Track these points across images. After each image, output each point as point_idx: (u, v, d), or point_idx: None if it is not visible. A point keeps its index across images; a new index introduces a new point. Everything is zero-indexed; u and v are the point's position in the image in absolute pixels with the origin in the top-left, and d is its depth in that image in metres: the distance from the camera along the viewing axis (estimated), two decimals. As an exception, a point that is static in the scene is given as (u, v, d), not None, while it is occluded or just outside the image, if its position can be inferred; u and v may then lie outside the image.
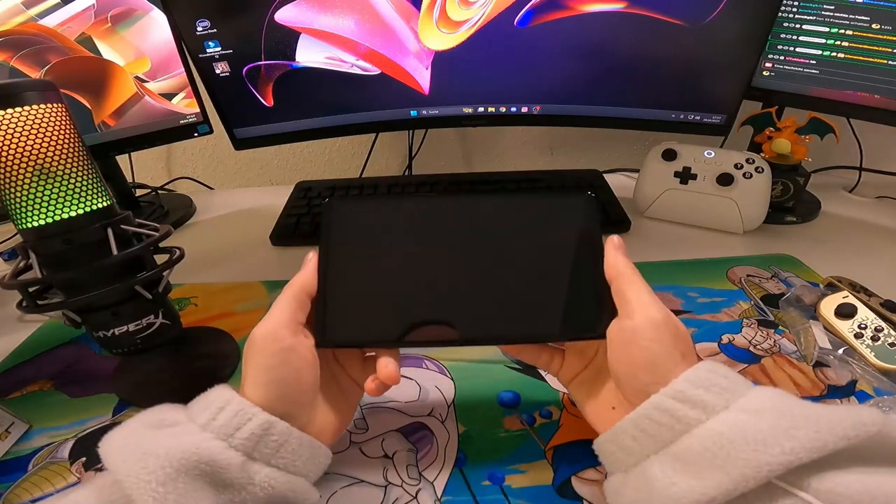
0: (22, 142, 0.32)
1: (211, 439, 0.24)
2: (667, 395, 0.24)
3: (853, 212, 0.70)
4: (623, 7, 0.57)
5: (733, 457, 0.21)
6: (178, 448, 0.23)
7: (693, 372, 0.24)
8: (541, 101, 0.67)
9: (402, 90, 0.65)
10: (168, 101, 0.69)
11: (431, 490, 0.34)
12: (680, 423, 0.23)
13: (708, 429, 0.23)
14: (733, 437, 0.22)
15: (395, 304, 0.30)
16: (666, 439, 0.24)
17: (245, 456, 0.25)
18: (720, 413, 0.23)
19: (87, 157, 0.35)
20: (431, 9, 0.60)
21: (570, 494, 0.33)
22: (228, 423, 0.25)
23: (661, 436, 0.24)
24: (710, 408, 0.23)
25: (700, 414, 0.23)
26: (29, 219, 0.33)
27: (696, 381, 0.24)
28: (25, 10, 0.60)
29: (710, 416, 0.23)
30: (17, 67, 0.62)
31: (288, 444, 0.26)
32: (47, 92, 0.33)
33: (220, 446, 0.24)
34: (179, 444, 0.24)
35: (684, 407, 0.23)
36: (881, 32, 0.57)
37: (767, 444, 0.21)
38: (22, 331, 0.53)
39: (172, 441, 0.24)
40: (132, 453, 0.23)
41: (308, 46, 0.62)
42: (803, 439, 0.21)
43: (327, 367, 0.32)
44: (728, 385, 0.24)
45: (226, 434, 0.25)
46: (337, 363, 0.33)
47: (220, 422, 0.25)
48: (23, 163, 0.32)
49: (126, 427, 0.26)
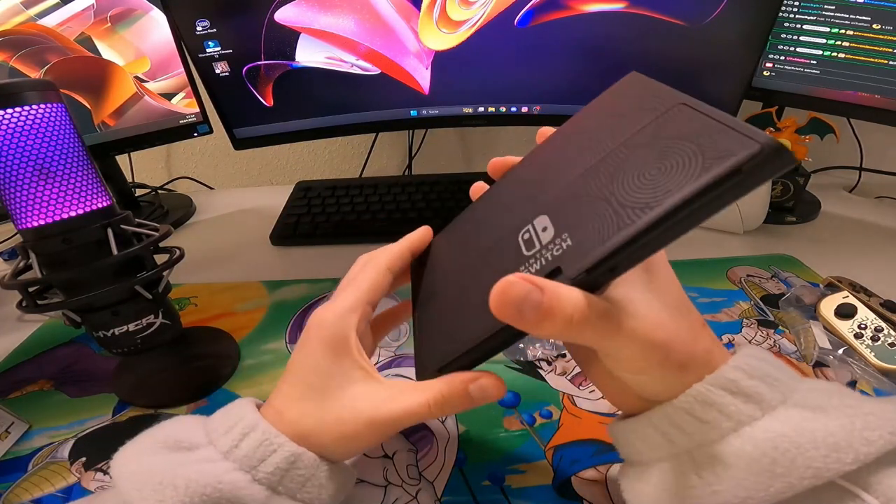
0: (22, 142, 0.32)
1: (234, 470, 0.22)
2: (714, 384, 0.20)
3: (853, 212, 0.70)
4: (623, 7, 0.57)
5: (799, 465, 0.18)
6: (199, 481, 0.21)
7: (743, 359, 0.21)
8: (541, 101, 0.67)
9: (402, 90, 0.65)
10: (168, 101, 0.69)
11: (431, 490, 0.34)
12: (730, 421, 0.20)
13: (765, 429, 0.19)
14: (800, 440, 0.18)
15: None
16: (707, 438, 0.20)
17: (269, 490, 0.23)
18: (777, 409, 0.19)
19: (87, 157, 0.35)
20: (431, 9, 0.60)
21: (570, 494, 0.33)
22: (252, 455, 0.23)
23: (701, 434, 0.20)
24: (767, 402, 0.20)
25: (754, 410, 0.19)
26: (29, 219, 0.33)
27: (750, 371, 0.20)
28: (25, 10, 0.60)
29: (765, 413, 0.19)
30: (17, 67, 0.62)
31: (315, 478, 0.24)
32: (47, 92, 0.33)
33: (244, 480, 0.22)
34: (200, 475, 0.21)
35: (736, 401, 0.20)
36: (882, 32, 0.57)
37: (841, 450, 0.18)
38: (22, 331, 0.53)
39: (192, 471, 0.22)
40: (147, 483, 0.21)
41: (308, 46, 0.62)
42: (879, 443, 0.18)
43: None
44: (781, 376, 0.20)
45: (249, 466, 0.23)
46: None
47: (244, 451, 0.23)
48: (23, 163, 0.32)
49: (140, 444, 0.24)
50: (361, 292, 0.27)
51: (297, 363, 0.26)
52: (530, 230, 0.23)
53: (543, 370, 0.43)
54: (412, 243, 0.31)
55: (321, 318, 0.26)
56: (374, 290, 0.28)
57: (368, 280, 0.28)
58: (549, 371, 0.43)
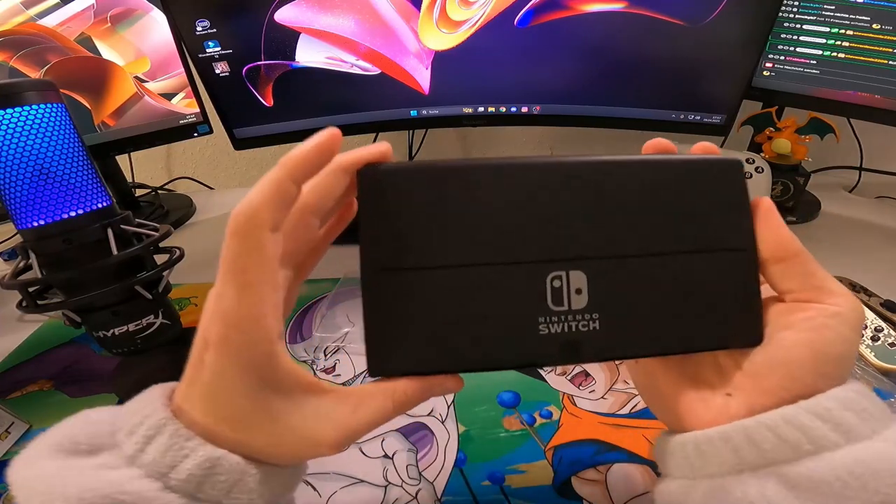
0: (22, 142, 0.32)
1: (140, 478, 0.18)
2: (807, 409, 0.20)
3: (853, 212, 0.70)
4: (623, 7, 0.57)
5: (870, 488, 0.18)
6: (97, 490, 0.17)
7: (843, 391, 0.20)
8: (541, 101, 0.67)
9: (402, 90, 0.65)
10: (168, 101, 0.69)
11: (431, 490, 0.34)
12: (812, 444, 0.19)
13: (844, 454, 0.19)
14: (877, 466, 0.18)
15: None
16: (780, 458, 0.20)
17: (187, 498, 0.18)
18: (862, 441, 0.19)
19: (87, 157, 0.35)
20: (431, 9, 0.60)
21: (570, 494, 0.33)
22: (160, 461, 0.18)
23: (776, 453, 0.20)
24: (854, 434, 0.19)
25: (839, 438, 0.19)
26: (29, 219, 0.33)
27: (846, 402, 0.20)
28: (25, 10, 0.60)
29: (849, 443, 0.19)
30: (17, 67, 0.62)
31: (243, 483, 0.19)
32: (47, 92, 0.33)
33: (154, 488, 0.18)
34: (98, 483, 0.18)
35: (824, 427, 0.19)
36: (881, 32, 0.57)
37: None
38: (22, 331, 0.53)
39: (89, 479, 0.18)
40: (36, 492, 0.18)
41: (308, 46, 0.62)
42: None
43: None
44: (876, 412, 0.20)
45: (159, 473, 0.18)
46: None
47: (150, 456, 0.18)
48: (23, 163, 0.32)
49: (35, 449, 0.20)
50: (273, 273, 0.19)
51: (205, 389, 0.19)
52: (563, 281, 0.21)
53: (543, 370, 0.43)
54: (357, 159, 0.21)
55: (224, 334, 0.19)
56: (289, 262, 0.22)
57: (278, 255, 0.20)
58: (549, 371, 0.43)
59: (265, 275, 0.19)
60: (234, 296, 0.18)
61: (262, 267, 0.18)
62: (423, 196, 0.21)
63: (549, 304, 0.21)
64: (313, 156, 0.20)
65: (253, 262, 0.18)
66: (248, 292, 0.18)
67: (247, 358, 0.19)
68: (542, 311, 0.21)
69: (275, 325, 0.19)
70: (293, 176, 0.19)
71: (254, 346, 0.18)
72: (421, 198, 0.21)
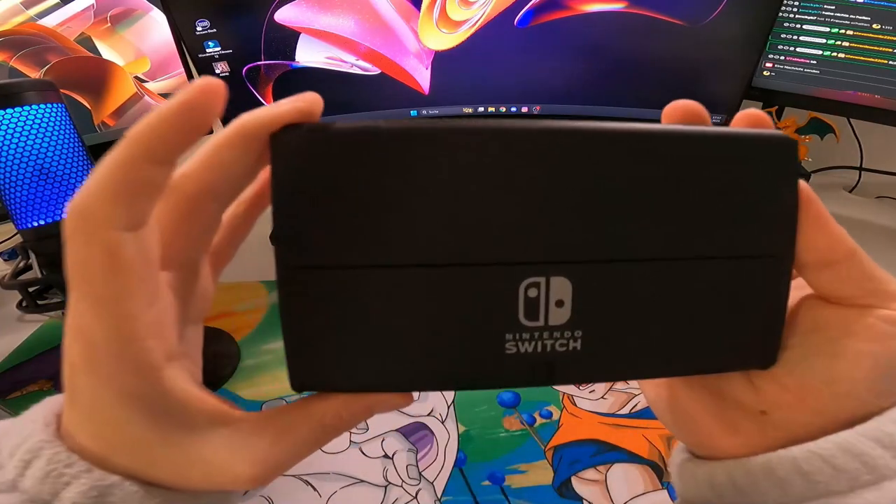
0: (22, 142, 0.32)
1: (25, 503, 0.15)
2: (868, 436, 0.17)
3: (853, 212, 0.70)
4: (623, 7, 0.57)
5: None
6: None
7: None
8: (541, 101, 0.67)
9: (402, 90, 0.65)
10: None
11: (431, 490, 0.34)
12: (871, 474, 0.17)
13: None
14: None
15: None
16: (834, 490, 0.17)
17: None
18: None
19: (87, 157, 0.35)
20: (431, 9, 0.60)
21: (570, 494, 0.33)
22: (40, 488, 0.15)
23: (830, 486, 0.17)
24: None
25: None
26: (29, 219, 0.33)
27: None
28: (25, 10, 0.60)
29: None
30: (17, 67, 0.62)
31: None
32: (47, 92, 0.33)
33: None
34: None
35: (886, 455, 0.17)
36: (881, 32, 0.57)
37: None
38: (22, 331, 0.53)
39: None
40: None
41: (308, 46, 0.62)
42: None
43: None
44: None
45: (42, 500, 0.15)
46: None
47: (30, 482, 0.15)
48: (23, 163, 0.32)
49: None
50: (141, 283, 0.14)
51: (86, 415, 0.15)
52: (540, 290, 0.16)
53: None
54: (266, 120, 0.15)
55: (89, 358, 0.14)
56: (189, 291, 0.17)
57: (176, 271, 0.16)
58: (549, 371, 0.43)
59: (127, 288, 0.13)
60: (89, 313, 0.14)
61: (118, 278, 0.13)
62: (358, 169, 0.15)
63: (520, 319, 0.16)
64: (178, 121, 0.13)
65: (102, 273, 0.13)
66: (107, 311, 0.13)
67: (122, 386, 0.14)
68: (510, 326, 0.16)
69: (157, 347, 0.14)
70: (150, 153, 0.13)
71: (130, 374, 0.14)
72: (355, 172, 0.15)
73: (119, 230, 0.13)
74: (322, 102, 0.16)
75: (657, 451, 0.37)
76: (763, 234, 0.17)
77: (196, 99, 0.14)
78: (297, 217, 0.15)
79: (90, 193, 0.13)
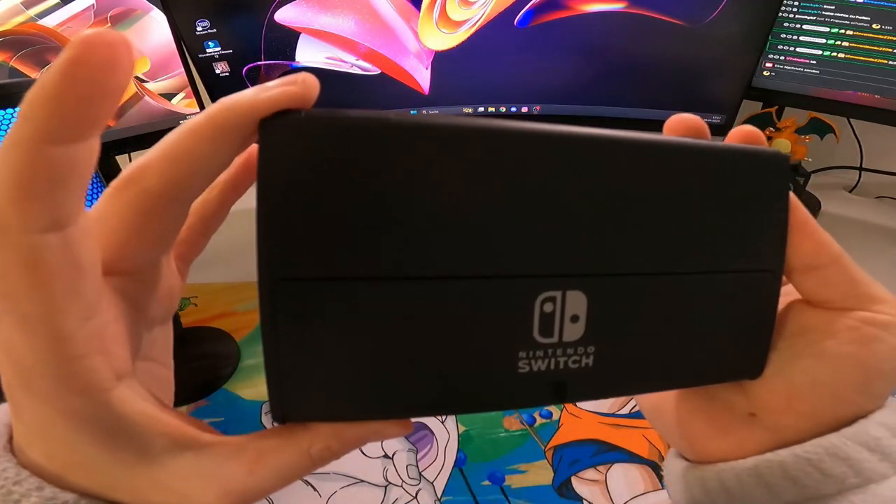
0: (22, 142, 0.32)
1: None
2: (854, 439, 0.17)
3: (853, 212, 0.70)
4: (623, 7, 0.57)
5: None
6: None
7: (890, 415, 0.18)
8: (541, 101, 0.67)
9: (402, 90, 0.65)
10: (168, 102, 0.69)
11: (431, 490, 0.34)
12: (858, 477, 0.17)
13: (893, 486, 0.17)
14: None
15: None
16: (822, 493, 0.17)
17: None
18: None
19: (86, 157, 0.35)
20: (431, 9, 0.60)
21: (570, 494, 0.33)
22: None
23: (818, 489, 0.17)
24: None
25: (888, 469, 0.17)
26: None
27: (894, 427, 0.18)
28: (25, 10, 0.60)
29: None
30: (17, 67, 0.62)
31: None
32: (47, 92, 0.33)
33: None
34: None
35: (873, 458, 0.17)
36: (881, 32, 0.57)
37: None
38: (22, 331, 0.53)
39: None
40: None
41: (308, 46, 0.62)
42: None
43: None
44: None
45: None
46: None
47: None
48: (23, 163, 0.32)
49: None
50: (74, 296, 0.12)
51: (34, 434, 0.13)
52: (556, 305, 0.15)
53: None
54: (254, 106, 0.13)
55: (24, 380, 0.12)
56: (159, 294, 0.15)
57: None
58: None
59: (53, 301, 0.11)
60: (15, 332, 0.11)
61: (40, 290, 0.11)
62: (364, 166, 0.13)
63: (534, 335, 0.15)
64: (69, 86, 0.10)
65: (23, 286, 0.11)
66: (33, 329, 0.11)
67: (65, 407, 0.12)
68: (524, 343, 0.15)
69: (102, 365, 0.12)
70: (48, 133, 0.10)
71: (70, 395, 0.12)
72: (361, 169, 0.13)
73: (36, 233, 0.11)
74: (318, 84, 0.14)
75: (657, 451, 0.37)
76: (760, 249, 0.17)
77: (82, 55, 0.10)
78: (287, 220, 0.13)
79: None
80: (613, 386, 0.17)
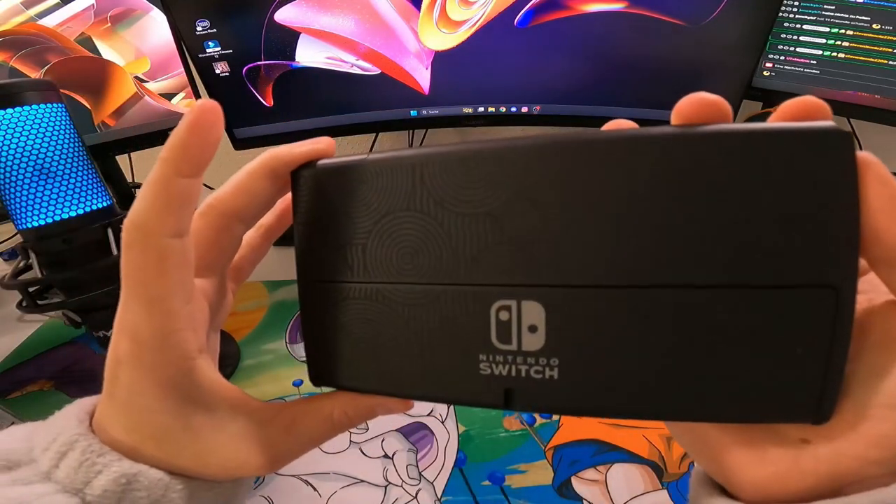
0: (22, 142, 0.32)
1: (56, 493, 0.17)
2: None
3: (853, 212, 0.70)
4: (623, 7, 0.57)
5: None
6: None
7: None
8: (541, 101, 0.67)
9: (402, 90, 0.65)
10: (168, 102, 0.69)
11: (431, 490, 0.34)
12: None
13: None
14: None
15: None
16: None
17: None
18: None
19: (86, 157, 0.35)
20: (431, 9, 0.60)
21: (570, 494, 0.33)
22: (73, 478, 0.17)
23: None
24: None
25: None
26: (29, 219, 0.33)
27: None
28: (25, 10, 0.60)
29: None
30: (17, 67, 0.62)
31: (167, 498, 0.18)
32: (47, 92, 0.33)
33: (69, 503, 0.17)
34: (11, 499, 0.17)
35: None
36: (881, 32, 0.57)
37: None
38: (22, 331, 0.53)
39: (7, 493, 0.17)
40: None
41: (308, 46, 0.62)
42: None
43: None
44: None
45: (74, 489, 0.17)
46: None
47: (64, 472, 0.17)
48: (23, 163, 0.32)
49: None
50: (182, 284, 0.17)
51: (123, 407, 0.18)
52: (511, 313, 0.16)
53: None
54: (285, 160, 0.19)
55: (135, 352, 0.17)
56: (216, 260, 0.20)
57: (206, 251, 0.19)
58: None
59: (171, 287, 0.16)
60: (140, 311, 0.16)
61: (165, 279, 0.16)
62: (351, 199, 0.18)
63: (492, 341, 0.16)
64: (189, 140, 0.16)
65: (154, 275, 0.16)
66: (155, 308, 0.16)
67: (162, 376, 0.17)
68: (484, 347, 0.16)
69: (192, 339, 0.17)
70: (178, 169, 0.16)
71: (168, 363, 0.17)
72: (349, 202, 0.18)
73: (169, 237, 0.16)
74: (334, 144, 0.19)
75: (657, 451, 0.37)
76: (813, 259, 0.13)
77: (198, 119, 0.16)
78: (312, 240, 0.19)
79: (144, 209, 0.16)
80: (582, 402, 0.16)
